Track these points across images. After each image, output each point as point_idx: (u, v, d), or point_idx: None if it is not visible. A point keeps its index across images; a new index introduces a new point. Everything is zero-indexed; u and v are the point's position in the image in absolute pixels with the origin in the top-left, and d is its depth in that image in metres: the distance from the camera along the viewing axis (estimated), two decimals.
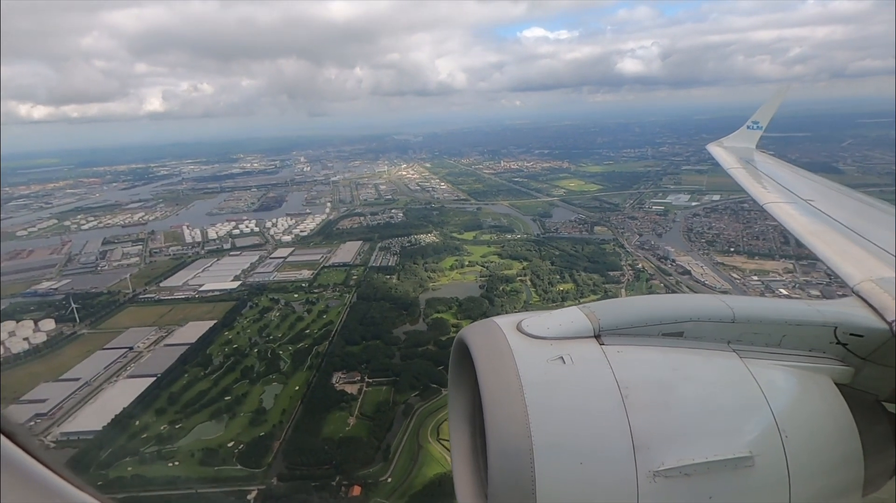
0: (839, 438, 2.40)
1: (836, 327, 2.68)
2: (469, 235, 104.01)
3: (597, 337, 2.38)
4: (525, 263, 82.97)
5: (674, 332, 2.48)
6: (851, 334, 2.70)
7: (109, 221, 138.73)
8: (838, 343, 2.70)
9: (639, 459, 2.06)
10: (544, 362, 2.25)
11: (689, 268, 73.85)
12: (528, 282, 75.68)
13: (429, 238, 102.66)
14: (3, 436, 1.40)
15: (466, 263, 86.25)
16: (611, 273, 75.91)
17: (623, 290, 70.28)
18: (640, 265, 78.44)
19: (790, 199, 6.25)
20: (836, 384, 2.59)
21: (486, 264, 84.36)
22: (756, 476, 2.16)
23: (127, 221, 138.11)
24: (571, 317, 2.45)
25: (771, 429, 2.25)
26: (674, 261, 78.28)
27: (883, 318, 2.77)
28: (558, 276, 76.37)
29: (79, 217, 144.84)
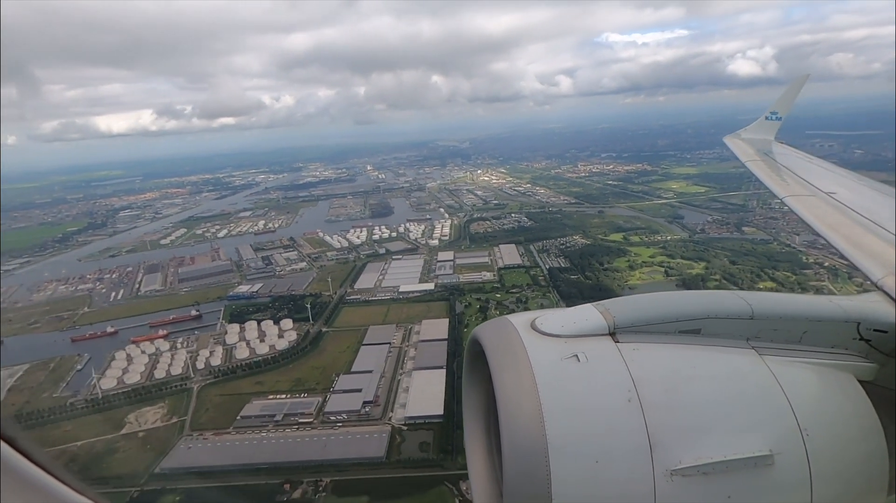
0: (863, 437, 2.35)
1: (859, 323, 2.65)
2: (617, 236, 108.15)
3: (612, 334, 2.40)
4: (704, 263, 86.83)
5: (691, 330, 2.48)
6: (875, 330, 2.66)
7: (240, 229, 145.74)
8: (861, 339, 2.66)
9: (655, 458, 2.05)
10: (559, 360, 2.27)
11: None
12: (722, 282, 79.38)
13: (578, 240, 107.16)
14: (2, 442, 1.43)
15: (640, 264, 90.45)
16: (804, 272, 79.28)
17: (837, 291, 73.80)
18: (826, 263, 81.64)
19: (811, 191, 6.06)
20: (860, 381, 2.53)
21: (664, 264, 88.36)
22: (776, 475, 2.13)
23: (255, 229, 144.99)
24: (586, 314, 2.48)
25: (791, 427, 2.21)
26: None
27: None
28: (750, 275, 79.94)
29: (206, 225, 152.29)
